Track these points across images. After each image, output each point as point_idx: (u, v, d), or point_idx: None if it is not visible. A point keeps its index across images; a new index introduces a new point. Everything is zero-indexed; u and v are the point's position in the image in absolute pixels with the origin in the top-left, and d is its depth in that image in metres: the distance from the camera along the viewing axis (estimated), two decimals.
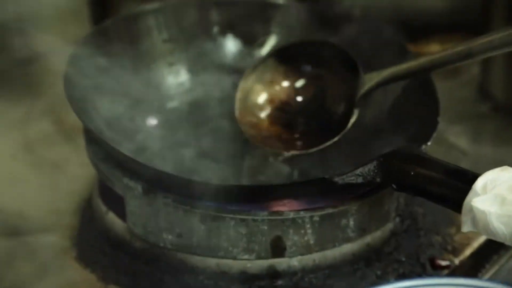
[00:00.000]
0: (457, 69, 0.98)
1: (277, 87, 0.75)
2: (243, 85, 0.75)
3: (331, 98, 0.74)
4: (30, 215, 0.73)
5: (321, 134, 0.72)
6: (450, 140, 0.87)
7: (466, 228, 0.58)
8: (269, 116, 0.75)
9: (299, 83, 0.76)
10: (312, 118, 0.75)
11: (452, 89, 0.94)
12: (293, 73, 0.75)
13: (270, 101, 0.75)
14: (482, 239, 0.73)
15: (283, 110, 0.75)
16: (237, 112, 0.74)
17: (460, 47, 0.67)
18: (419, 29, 1.00)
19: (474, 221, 0.58)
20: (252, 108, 0.75)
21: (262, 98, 0.75)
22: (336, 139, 0.71)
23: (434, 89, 0.74)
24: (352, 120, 0.71)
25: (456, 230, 0.74)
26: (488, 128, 0.90)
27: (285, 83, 0.76)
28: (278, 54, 0.76)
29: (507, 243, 0.57)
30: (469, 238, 0.73)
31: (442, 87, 0.91)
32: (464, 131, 0.89)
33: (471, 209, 0.57)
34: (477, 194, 0.57)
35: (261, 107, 0.75)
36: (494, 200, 0.57)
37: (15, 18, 0.90)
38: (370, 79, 0.71)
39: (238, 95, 0.75)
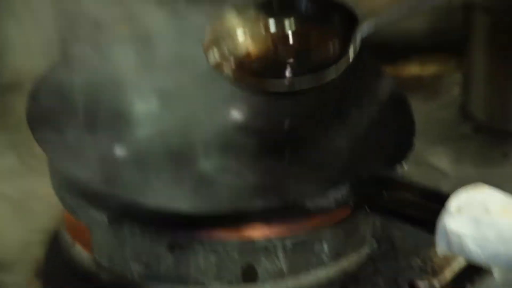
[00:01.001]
0: (438, 90, 0.97)
1: (257, 35, 0.69)
2: (219, 21, 0.69)
3: (321, 53, 0.69)
4: None
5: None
6: (431, 162, 0.86)
7: (440, 249, 0.57)
8: (240, 64, 0.68)
9: (285, 33, 0.70)
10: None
11: (433, 110, 0.94)
12: (280, 24, 0.70)
13: (247, 48, 0.69)
14: (463, 260, 0.71)
15: (258, 60, 0.69)
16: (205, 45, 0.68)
17: None
18: (398, 50, 0.99)
19: (448, 243, 0.56)
20: (224, 49, 0.69)
21: (238, 42, 0.69)
22: (327, 73, 0.66)
23: (410, 110, 0.72)
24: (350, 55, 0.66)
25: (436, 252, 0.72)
26: (470, 148, 0.89)
27: (269, 33, 0.70)
28: (265, 5, 0.70)
29: (483, 265, 0.55)
30: (449, 260, 0.71)
31: (423, 108, 0.91)
32: (445, 152, 0.87)
33: (445, 231, 0.56)
34: (450, 215, 0.56)
35: (234, 51, 0.69)
36: (469, 222, 0.55)
37: None
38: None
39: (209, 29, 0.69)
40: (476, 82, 0.91)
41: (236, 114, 0.79)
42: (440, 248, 0.56)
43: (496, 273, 0.54)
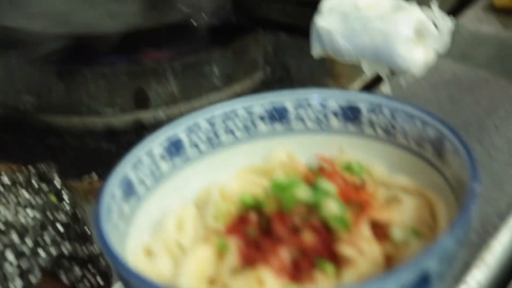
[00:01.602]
0: None
1: None
2: None
3: None
4: None
5: None
6: None
7: (315, 50, 0.58)
8: None
9: None
10: None
11: None
12: None
13: None
14: (357, 85, 0.73)
15: None
16: None
17: None
18: None
19: (321, 41, 0.57)
20: None
21: None
22: None
23: None
24: None
25: (332, 80, 0.74)
26: None
27: None
28: None
29: (353, 59, 0.56)
30: (344, 86, 0.73)
31: None
32: None
33: (317, 30, 0.57)
34: (322, 15, 0.57)
35: None
36: (338, 18, 0.56)
37: None
38: None
39: None
40: None
41: None
42: (315, 49, 0.57)
43: (365, 67, 0.56)
